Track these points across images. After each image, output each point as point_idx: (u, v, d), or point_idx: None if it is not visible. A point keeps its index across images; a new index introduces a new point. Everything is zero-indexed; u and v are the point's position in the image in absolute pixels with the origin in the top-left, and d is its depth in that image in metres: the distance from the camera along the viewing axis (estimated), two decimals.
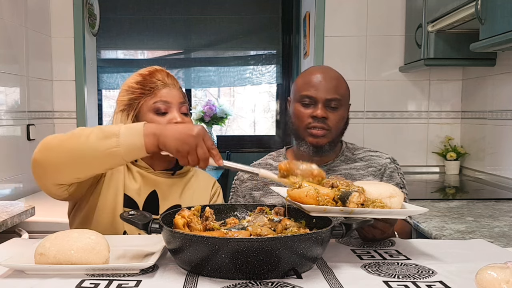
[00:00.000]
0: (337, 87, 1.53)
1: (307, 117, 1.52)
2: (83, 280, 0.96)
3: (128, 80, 1.45)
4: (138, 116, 1.40)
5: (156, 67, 1.46)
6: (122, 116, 1.41)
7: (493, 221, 1.77)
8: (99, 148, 1.14)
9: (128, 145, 1.14)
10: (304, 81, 1.56)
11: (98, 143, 1.14)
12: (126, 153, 1.14)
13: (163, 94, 1.39)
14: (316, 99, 1.51)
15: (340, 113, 1.54)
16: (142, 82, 1.41)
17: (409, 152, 3.16)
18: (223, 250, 0.93)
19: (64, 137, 1.20)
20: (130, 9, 4.41)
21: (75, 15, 3.12)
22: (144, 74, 1.43)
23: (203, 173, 1.58)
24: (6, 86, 2.59)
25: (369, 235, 1.25)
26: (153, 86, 1.39)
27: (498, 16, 1.89)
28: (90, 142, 1.15)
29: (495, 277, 0.81)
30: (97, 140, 1.14)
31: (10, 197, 2.55)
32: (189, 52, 4.55)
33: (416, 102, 3.18)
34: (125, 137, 1.14)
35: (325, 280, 0.97)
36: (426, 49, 2.67)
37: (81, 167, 1.18)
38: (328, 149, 1.55)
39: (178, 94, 1.42)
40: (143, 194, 1.39)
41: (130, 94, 1.41)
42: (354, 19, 3.12)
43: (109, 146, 1.13)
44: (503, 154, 2.60)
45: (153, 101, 1.38)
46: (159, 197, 1.41)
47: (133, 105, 1.40)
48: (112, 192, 1.35)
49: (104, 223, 1.33)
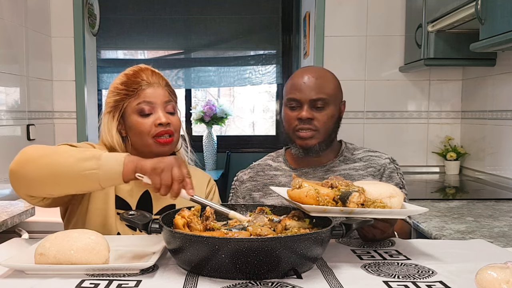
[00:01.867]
0: (321, 87, 1.52)
1: (294, 119, 1.53)
2: (83, 280, 0.96)
3: (114, 81, 1.43)
4: (124, 117, 1.38)
5: (141, 66, 1.43)
6: (109, 117, 1.40)
7: (493, 221, 1.77)
8: (77, 168, 1.13)
9: (107, 170, 1.13)
10: (290, 84, 1.57)
11: (78, 163, 1.13)
12: (104, 177, 1.13)
13: (146, 95, 1.37)
14: (301, 101, 1.51)
15: (328, 112, 1.53)
16: (126, 83, 1.38)
17: (409, 152, 3.16)
18: (223, 250, 0.93)
19: (46, 151, 1.18)
20: (130, 9, 4.41)
21: (75, 15, 3.12)
22: (128, 74, 1.40)
23: (197, 170, 1.56)
24: (6, 86, 2.59)
25: (369, 235, 1.25)
26: (136, 87, 1.37)
27: (498, 16, 1.89)
28: (70, 161, 1.14)
29: (495, 277, 0.81)
30: (77, 160, 1.14)
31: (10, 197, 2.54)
32: (189, 52, 4.55)
33: (416, 102, 3.18)
34: (106, 161, 1.14)
35: (325, 280, 0.97)
36: (426, 49, 2.67)
37: (56, 185, 1.17)
38: (319, 149, 1.54)
39: (163, 93, 1.39)
40: (135, 195, 1.38)
41: (115, 95, 1.39)
42: (354, 19, 3.12)
43: (88, 167, 1.13)
44: (503, 154, 2.60)
45: (136, 102, 1.36)
46: (152, 197, 1.40)
47: (118, 106, 1.38)
48: (102, 195, 1.34)
49: (97, 226, 1.31)
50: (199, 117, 4.30)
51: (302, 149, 1.54)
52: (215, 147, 4.35)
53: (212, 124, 4.32)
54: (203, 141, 4.33)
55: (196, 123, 4.40)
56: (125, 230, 1.34)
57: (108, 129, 1.39)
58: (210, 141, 4.33)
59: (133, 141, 1.39)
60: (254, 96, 5.06)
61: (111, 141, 1.39)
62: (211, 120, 4.29)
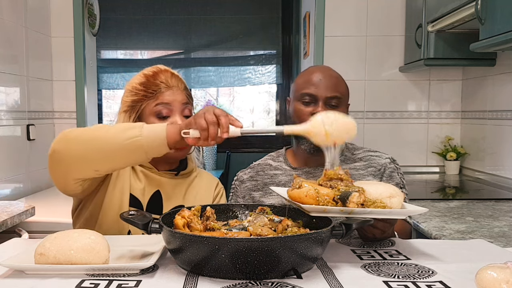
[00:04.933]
0: (337, 86, 1.53)
1: (308, 115, 1.52)
2: (83, 280, 0.96)
3: (132, 80, 1.43)
4: (140, 118, 1.39)
5: (160, 67, 1.43)
6: (125, 117, 1.41)
7: (493, 221, 1.77)
8: (121, 137, 1.12)
9: (150, 135, 1.12)
10: (304, 79, 1.56)
11: (121, 133, 1.13)
12: (148, 143, 1.12)
13: (165, 97, 1.37)
14: (317, 97, 1.51)
15: (340, 111, 1.53)
16: (145, 84, 1.39)
17: (409, 152, 3.16)
18: (223, 250, 0.93)
19: (84, 129, 1.19)
20: (130, 9, 4.41)
21: (75, 15, 3.12)
22: (148, 75, 1.41)
23: (206, 174, 1.57)
24: (6, 86, 2.59)
25: (369, 234, 1.25)
26: (156, 89, 1.38)
27: (498, 16, 1.89)
28: (113, 132, 1.14)
29: (495, 277, 0.81)
30: (120, 131, 1.14)
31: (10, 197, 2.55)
32: (189, 52, 4.55)
33: (416, 102, 3.18)
34: (149, 128, 1.14)
35: (325, 280, 0.97)
36: (426, 49, 2.67)
37: (102, 159, 1.16)
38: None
39: (181, 96, 1.40)
40: (147, 194, 1.39)
41: (133, 95, 1.40)
42: (354, 19, 3.12)
43: (131, 135, 1.12)
44: (503, 154, 2.60)
45: (154, 104, 1.37)
46: (162, 197, 1.40)
47: (135, 107, 1.39)
48: (118, 192, 1.35)
49: (109, 222, 1.33)
50: None
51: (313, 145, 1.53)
52: (215, 147, 4.36)
53: None
54: None
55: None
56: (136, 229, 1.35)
57: None
58: None
59: None
60: (254, 96, 5.06)
61: None
62: None
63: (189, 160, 1.51)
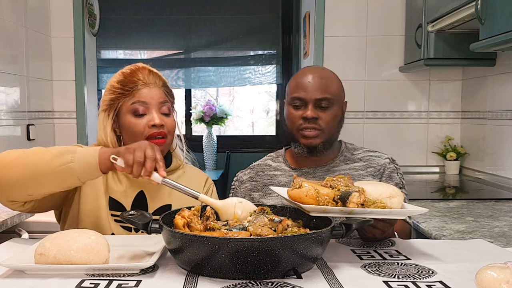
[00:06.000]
0: (326, 86, 1.52)
1: (298, 118, 1.53)
2: (83, 280, 0.96)
3: (111, 79, 1.42)
4: (119, 116, 1.38)
5: (139, 65, 1.42)
6: (104, 116, 1.39)
7: (493, 221, 1.77)
8: (53, 163, 1.13)
9: (82, 162, 1.13)
10: (294, 83, 1.56)
11: (53, 159, 1.13)
12: (80, 169, 1.13)
13: (141, 95, 1.36)
14: (306, 100, 1.51)
15: (332, 112, 1.53)
16: (122, 82, 1.37)
17: (409, 152, 3.16)
18: (223, 250, 0.93)
19: (21, 153, 1.18)
20: (130, 9, 4.41)
21: (75, 15, 3.12)
22: (125, 73, 1.39)
23: (194, 169, 1.54)
24: (6, 86, 2.59)
25: (369, 234, 1.25)
26: (132, 86, 1.36)
27: (498, 16, 1.89)
28: (46, 157, 1.14)
29: (495, 277, 0.81)
30: (53, 156, 1.14)
31: None
32: (189, 52, 4.55)
33: (416, 102, 3.18)
34: (81, 153, 1.14)
35: (325, 280, 0.97)
36: (426, 49, 2.67)
37: (34, 184, 1.16)
38: (323, 149, 1.55)
39: (158, 94, 1.38)
40: (130, 195, 1.37)
41: (111, 94, 1.39)
42: (354, 19, 3.12)
43: (63, 161, 1.13)
44: (503, 154, 2.60)
45: (131, 102, 1.35)
46: (147, 197, 1.38)
47: (113, 105, 1.38)
48: (92, 197, 1.33)
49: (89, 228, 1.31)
50: (199, 117, 4.30)
51: (306, 148, 1.54)
52: (215, 147, 4.36)
53: (212, 124, 4.32)
54: (203, 141, 4.33)
55: (196, 123, 4.40)
56: (120, 231, 1.33)
57: (103, 127, 1.39)
58: (210, 141, 4.33)
59: (126, 141, 1.38)
60: (254, 96, 5.06)
61: (106, 139, 1.38)
62: (211, 120, 4.29)
63: (174, 157, 1.48)
